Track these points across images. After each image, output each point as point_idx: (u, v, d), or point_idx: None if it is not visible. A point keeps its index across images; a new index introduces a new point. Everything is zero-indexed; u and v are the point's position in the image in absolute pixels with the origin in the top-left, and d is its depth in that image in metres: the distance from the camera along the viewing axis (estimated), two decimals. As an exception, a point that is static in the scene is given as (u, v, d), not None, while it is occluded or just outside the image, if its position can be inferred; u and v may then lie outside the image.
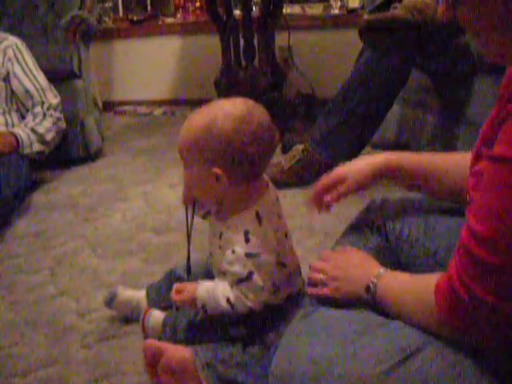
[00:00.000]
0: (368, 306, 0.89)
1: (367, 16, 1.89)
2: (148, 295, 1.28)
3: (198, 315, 1.08)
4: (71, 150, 2.53)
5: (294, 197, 1.95)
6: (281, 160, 2.10)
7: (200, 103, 1.01)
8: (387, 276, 0.88)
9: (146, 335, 1.20)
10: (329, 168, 2.16)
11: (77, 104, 2.53)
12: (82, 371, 1.16)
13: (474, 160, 0.80)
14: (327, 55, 3.18)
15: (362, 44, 2.02)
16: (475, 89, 1.83)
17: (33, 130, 2.23)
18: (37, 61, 2.35)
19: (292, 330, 0.87)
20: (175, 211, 1.92)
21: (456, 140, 1.90)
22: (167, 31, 3.52)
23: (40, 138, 2.24)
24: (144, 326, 1.21)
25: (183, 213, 1.08)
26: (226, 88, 2.82)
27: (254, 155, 0.95)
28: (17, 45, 2.31)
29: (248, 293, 0.98)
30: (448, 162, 1.02)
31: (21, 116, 2.32)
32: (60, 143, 2.40)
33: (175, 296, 1.04)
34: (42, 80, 2.32)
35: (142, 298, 1.29)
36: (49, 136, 2.27)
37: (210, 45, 3.15)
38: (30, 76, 2.29)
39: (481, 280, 0.67)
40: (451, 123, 1.98)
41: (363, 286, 0.89)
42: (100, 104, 3.12)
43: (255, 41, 2.76)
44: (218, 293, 1.00)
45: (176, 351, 1.03)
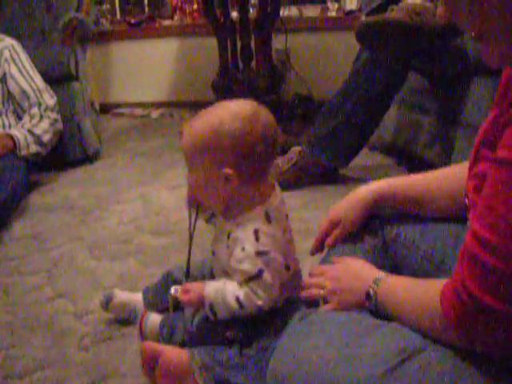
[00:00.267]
0: (367, 309, 0.88)
1: (364, 18, 1.89)
2: (144, 297, 1.28)
3: (196, 317, 1.08)
4: (68, 152, 2.53)
5: (291, 199, 1.95)
6: (278, 162, 2.09)
7: (197, 105, 1.02)
8: (388, 281, 0.87)
9: (144, 339, 1.20)
10: (326, 170, 2.17)
11: (74, 106, 2.53)
12: (80, 373, 1.16)
13: (473, 162, 0.79)
14: (324, 57, 3.19)
15: (359, 46, 2.02)
16: (472, 90, 1.84)
17: (30, 132, 2.22)
18: (34, 63, 2.35)
19: (290, 332, 0.87)
20: (173, 213, 1.91)
21: (453, 142, 1.90)
22: (165, 33, 3.52)
23: (37, 140, 2.24)
24: (142, 330, 1.21)
25: (181, 215, 1.09)
26: (224, 90, 2.82)
27: (262, 154, 0.96)
28: (13, 46, 2.31)
29: (258, 290, 0.97)
30: (441, 181, 1.02)
31: (17, 117, 2.31)
32: (57, 145, 2.40)
33: (182, 296, 1.03)
34: (39, 81, 2.32)
35: (139, 301, 1.28)
36: (46, 137, 2.27)
37: (208, 47, 3.15)
38: (27, 77, 2.29)
39: (488, 287, 0.66)
40: (448, 125, 1.98)
41: (364, 294, 0.88)
42: (97, 106, 3.12)
43: (252, 43, 2.76)
44: (227, 292, 0.99)
45: (173, 353, 1.03)
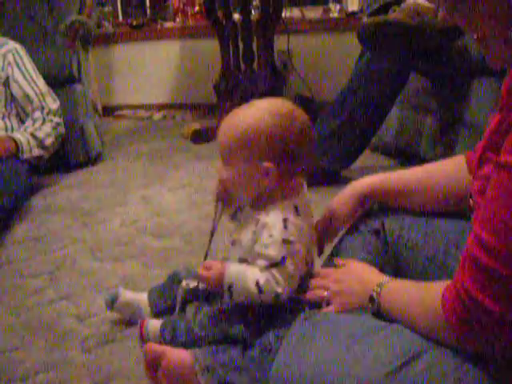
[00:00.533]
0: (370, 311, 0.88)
1: (366, 19, 1.89)
2: (150, 298, 1.28)
3: (199, 315, 1.08)
4: (71, 155, 2.54)
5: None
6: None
7: (199, 107, 1.02)
8: (391, 285, 0.87)
9: (145, 344, 1.19)
10: (327, 171, 2.17)
11: (76, 108, 2.54)
12: (82, 375, 1.15)
13: (478, 164, 0.79)
14: (326, 59, 3.19)
15: (361, 47, 2.02)
16: (474, 91, 1.84)
17: (32, 135, 2.23)
18: (36, 66, 2.36)
19: (293, 334, 0.87)
20: (175, 215, 1.91)
21: (455, 142, 1.90)
22: (166, 35, 3.53)
23: (39, 143, 2.24)
24: (142, 335, 1.19)
25: (183, 217, 1.08)
26: (226, 92, 2.83)
27: (299, 150, 0.99)
28: (17, 49, 2.31)
29: (279, 278, 0.98)
30: (431, 174, 1.04)
31: (20, 121, 2.32)
32: (59, 148, 2.40)
33: (204, 272, 1.03)
34: (42, 85, 2.33)
35: (143, 300, 1.28)
36: (48, 141, 2.28)
37: (210, 49, 3.16)
38: (30, 81, 2.30)
39: (489, 290, 0.66)
40: (450, 125, 1.98)
41: (367, 297, 0.88)
42: (100, 108, 3.13)
43: (254, 44, 2.77)
44: (249, 274, 0.99)
45: (176, 355, 1.03)
